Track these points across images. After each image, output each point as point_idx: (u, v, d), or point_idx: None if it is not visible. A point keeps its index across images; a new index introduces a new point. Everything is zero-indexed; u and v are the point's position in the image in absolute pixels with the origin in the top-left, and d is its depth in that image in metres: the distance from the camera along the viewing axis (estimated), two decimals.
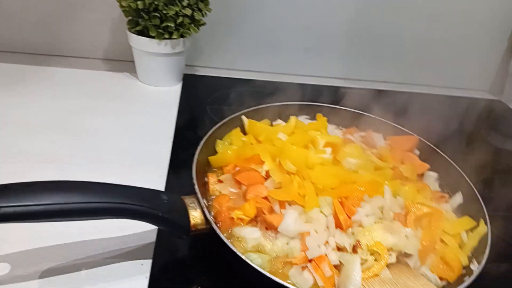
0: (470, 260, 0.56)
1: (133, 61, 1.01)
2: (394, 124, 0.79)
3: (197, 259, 0.57)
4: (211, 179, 0.62)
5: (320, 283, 0.49)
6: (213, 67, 1.19)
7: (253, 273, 0.52)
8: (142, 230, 0.57)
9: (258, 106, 0.76)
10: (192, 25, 0.93)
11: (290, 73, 1.20)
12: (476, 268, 0.53)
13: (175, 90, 1.02)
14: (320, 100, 0.84)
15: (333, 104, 0.82)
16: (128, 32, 0.95)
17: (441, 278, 0.53)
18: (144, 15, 0.88)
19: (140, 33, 0.93)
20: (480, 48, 1.23)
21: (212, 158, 0.65)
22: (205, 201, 0.56)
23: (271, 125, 0.77)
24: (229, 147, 0.66)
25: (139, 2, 0.85)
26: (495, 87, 1.30)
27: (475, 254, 0.57)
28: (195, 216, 0.53)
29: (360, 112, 0.81)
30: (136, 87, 1.00)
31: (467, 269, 0.55)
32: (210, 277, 0.55)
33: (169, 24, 0.89)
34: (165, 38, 0.92)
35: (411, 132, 0.77)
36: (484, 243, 0.56)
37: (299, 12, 1.11)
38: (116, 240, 0.56)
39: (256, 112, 0.76)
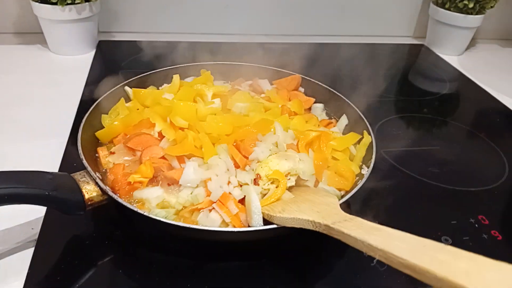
0: (361, 168, 0.61)
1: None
2: (277, 68, 0.82)
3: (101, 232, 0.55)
4: (101, 152, 0.59)
5: (227, 219, 0.50)
6: (130, 32, 1.16)
7: (158, 226, 0.52)
8: None
9: (140, 75, 0.74)
10: None
11: (210, 33, 1.19)
12: (366, 171, 0.58)
13: (87, 57, 1.00)
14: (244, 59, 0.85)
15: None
16: (31, 1, 0.92)
17: (339, 189, 0.58)
18: None
19: (43, 1, 0.90)
20: None
21: (99, 133, 0.62)
22: (98, 174, 0.54)
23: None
24: (116, 119, 0.64)
25: None
26: (418, 32, 1.34)
27: (365, 161, 0.62)
28: (89, 189, 0.51)
29: (244, 63, 0.83)
30: (46, 57, 0.99)
31: (360, 175, 0.60)
32: (122, 247, 0.53)
33: None
34: (68, 4, 0.90)
35: (293, 73, 0.81)
36: (371, 151, 0.62)
37: None
38: None
39: (141, 81, 0.74)
